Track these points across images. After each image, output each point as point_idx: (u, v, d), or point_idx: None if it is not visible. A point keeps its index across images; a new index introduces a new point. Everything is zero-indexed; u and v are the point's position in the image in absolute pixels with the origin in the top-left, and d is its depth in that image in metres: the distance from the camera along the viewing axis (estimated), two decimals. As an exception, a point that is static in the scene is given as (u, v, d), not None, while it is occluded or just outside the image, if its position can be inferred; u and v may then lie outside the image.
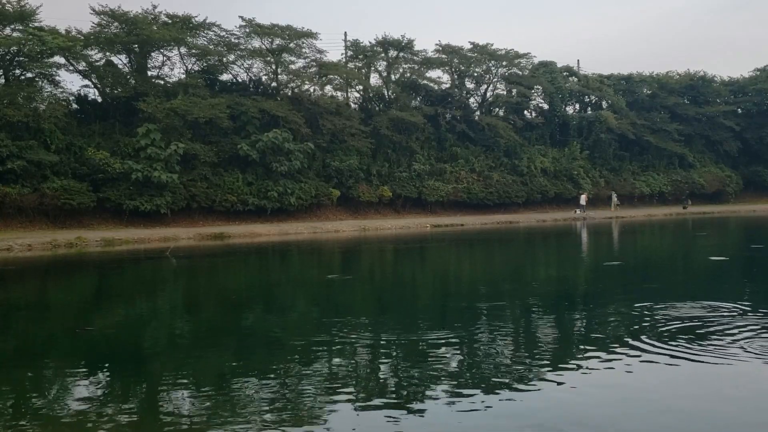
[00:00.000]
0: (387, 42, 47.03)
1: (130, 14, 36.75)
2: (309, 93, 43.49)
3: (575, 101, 59.15)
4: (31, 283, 16.38)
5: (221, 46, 41.04)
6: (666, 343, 7.45)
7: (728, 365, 6.57)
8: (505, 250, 24.33)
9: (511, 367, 6.94)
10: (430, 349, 7.68)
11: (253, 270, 18.79)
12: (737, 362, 6.66)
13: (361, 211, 43.11)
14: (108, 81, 37.87)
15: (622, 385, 6.18)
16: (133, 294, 13.96)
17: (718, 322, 8.46)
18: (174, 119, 35.08)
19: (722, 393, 5.90)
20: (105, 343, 8.86)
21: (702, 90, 62.09)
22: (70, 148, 33.45)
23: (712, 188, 59.29)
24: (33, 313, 11.60)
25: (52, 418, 5.62)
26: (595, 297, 11.69)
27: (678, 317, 8.89)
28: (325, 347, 8.01)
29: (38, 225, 31.37)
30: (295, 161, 38.54)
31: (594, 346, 7.55)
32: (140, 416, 5.65)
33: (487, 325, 9.11)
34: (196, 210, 36.73)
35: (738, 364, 6.59)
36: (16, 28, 33.45)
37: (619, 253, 21.39)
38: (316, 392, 6.19)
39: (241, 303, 12.27)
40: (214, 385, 6.53)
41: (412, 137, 46.29)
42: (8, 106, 31.01)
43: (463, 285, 14.42)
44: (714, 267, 16.20)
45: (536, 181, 49.77)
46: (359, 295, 13.26)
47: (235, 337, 8.98)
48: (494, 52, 50.61)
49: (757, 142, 62.70)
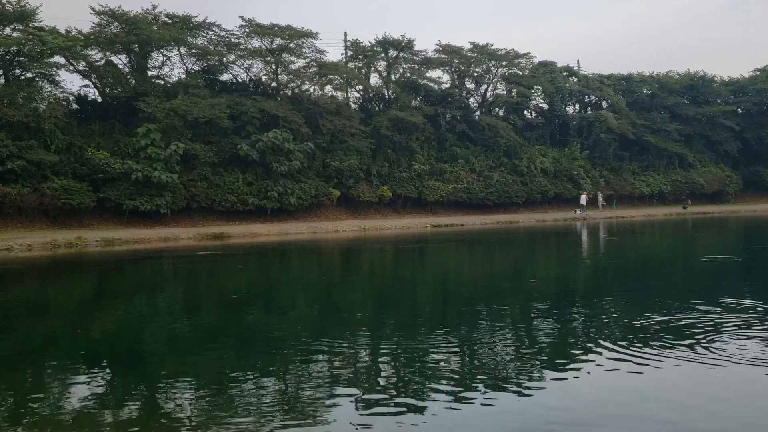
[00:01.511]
0: (387, 42, 47.05)
1: (130, 14, 36.82)
2: (309, 93, 43.53)
3: (575, 101, 59.21)
4: (31, 283, 16.38)
5: (221, 46, 41.07)
6: (664, 344, 7.45)
7: (719, 366, 6.57)
8: (505, 250, 24.33)
9: (512, 367, 6.94)
10: (430, 349, 7.68)
11: (261, 269, 18.80)
12: (730, 364, 6.66)
13: (361, 211, 43.13)
14: (108, 81, 37.92)
15: (623, 385, 6.18)
16: (134, 294, 13.96)
17: (708, 324, 8.47)
18: (174, 119, 35.11)
19: (712, 394, 5.89)
20: (105, 343, 8.86)
21: (702, 90, 62.14)
22: (70, 148, 33.47)
23: (712, 188, 59.32)
24: (33, 313, 11.60)
25: (52, 418, 5.61)
26: (593, 297, 11.69)
27: (675, 318, 8.89)
28: (325, 347, 8.01)
29: (38, 225, 31.38)
30: (295, 161, 38.56)
31: (594, 346, 7.54)
32: (140, 416, 5.65)
33: (487, 325, 9.11)
34: (196, 210, 36.76)
35: (732, 366, 6.60)
36: (16, 28, 33.48)
37: (617, 254, 21.41)
38: (316, 392, 6.19)
39: (241, 303, 12.26)
40: (214, 385, 6.53)
41: (412, 137, 46.31)
42: (8, 106, 31.03)
43: (462, 285, 14.41)
44: (707, 268, 16.18)
45: (536, 181, 49.79)
46: (360, 295, 13.26)
47: (235, 337, 8.97)
48: (494, 52, 50.63)
49: (757, 142, 62.75)
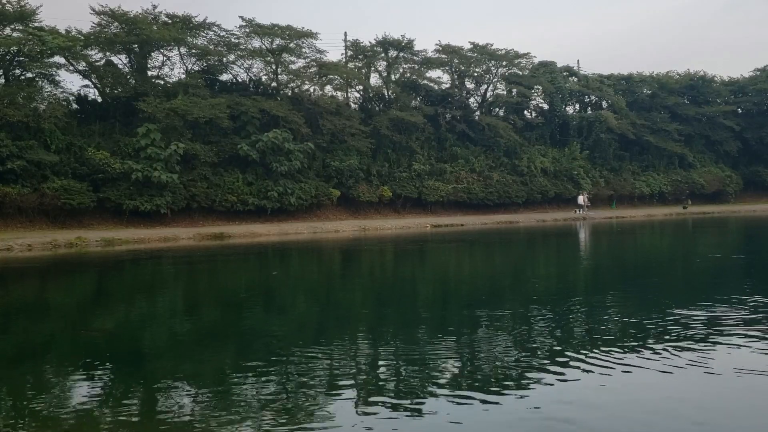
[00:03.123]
0: (387, 42, 47.04)
1: (130, 14, 36.80)
2: (309, 93, 43.52)
3: (575, 101, 59.18)
4: (31, 283, 16.39)
5: (221, 46, 41.05)
6: (664, 344, 7.46)
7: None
8: (505, 250, 24.33)
9: (513, 367, 6.94)
10: (429, 350, 7.69)
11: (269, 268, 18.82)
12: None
13: (361, 211, 43.12)
14: (108, 81, 37.91)
15: (623, 386, 6.19)
16: (134, 294, 13.96)
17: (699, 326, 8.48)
18: (174, 119, 35.11)
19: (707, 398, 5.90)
20: (105, 343, 8.86)
21: (702, 90, 62.12)
22: (70, 148, 33.46)
23: (712, 188, 59.31)
24: (33, 313, 11.60)
25: (52, 418, 5.62)
26: (593, 297, 11.70)
27: (675, 318, 8.90)
28: (325, 347, 8.01)
29: (38, 225, 31.37)
30: (295, 161, 38.56)
31: (594, 346, 7.55)
32: (140, 416, 5.65)
33: (486, 325, 9.11)
34: (196, 210, 36.76)
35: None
36: (16, 28, 33.46)
37: (615, 254, 21.41)
38: (316, 392, 6.19)
39: (241, 303, 12.28)
40: (214, 385, 6.54)
41: (412, 137, 46.30)
42: (8, 106, 31.02)
43: (462, 285, 14.42)
44: (706, 268, 16.19)
45: (536, 181, 49.79)
46: (360, 295, 13.26)
47: (235, 337, 8.98)
48: (494, 52, 50.61)
49: (757, 142, 62.74)
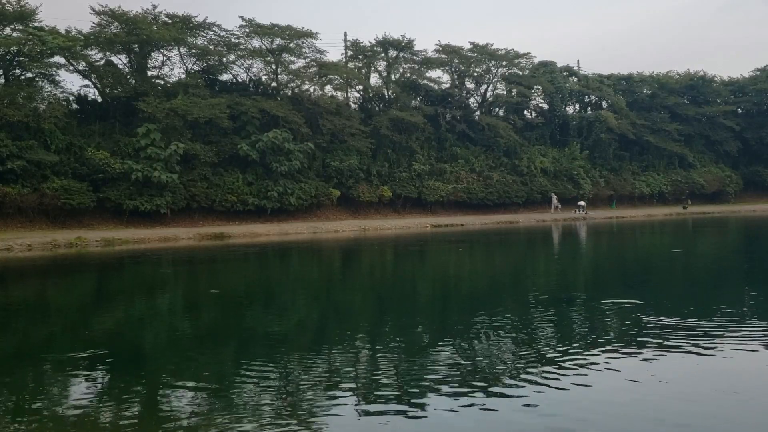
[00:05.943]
0: (387, 42, 47.05)
1: (130, 14, 36.81)
2: (309, 93, 43.54)
3: (575, 101, 59.21)
4: (32, 283, 16.38)
5: (221, 46, 41.07)
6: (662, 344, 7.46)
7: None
8: (505, 250, 24.31)
9: (513, 367, 6.94)
10: (429, 351, 7.68)
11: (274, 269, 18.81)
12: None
13: (361, 211, 43.13)
14: (108, 81, 37.91)
15: (624, 386, 6.18)
16: (134, 294, 13.95)
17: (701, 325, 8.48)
18: (174, 119, 35.11)
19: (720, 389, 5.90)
20: (106, 342, 8.85)
21: (702, 90, 62.15)
22: (70, 148, 33.46)
23: (712, 188, 59.33)
24: (33, 313, 11.60)
25: (52, 418, 5.61)
26: (592, 297, 11.68)
27: (674, 318, 8.91)
28: (325, 347, 8.01)
29: (38, 225, 31.37)
30: (295, 161, 38.56)
31: (593, 347, 7.54)
32: (140, 416, 5.65)
33: (486, 326, 9.10)
34: (196, 210, 36.76)
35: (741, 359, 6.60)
36: (16, 28, 33.48)
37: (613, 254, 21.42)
38: (316, 392, 6.18)
39: (243, 303, 12.27)
40: (214, 385, 6.53)
41: (412, 137, 46.31)
42: (8, 106, 31.03)
43: (462, 285, 14.41)
44: (704, 268, 16.18)
45: (536, 181, 49.79)
46: (360, 295, 13.26)
47: (235, 337, 8.97)
48: (494, 52, 50.63)
49: (757, 142, 62.77)
